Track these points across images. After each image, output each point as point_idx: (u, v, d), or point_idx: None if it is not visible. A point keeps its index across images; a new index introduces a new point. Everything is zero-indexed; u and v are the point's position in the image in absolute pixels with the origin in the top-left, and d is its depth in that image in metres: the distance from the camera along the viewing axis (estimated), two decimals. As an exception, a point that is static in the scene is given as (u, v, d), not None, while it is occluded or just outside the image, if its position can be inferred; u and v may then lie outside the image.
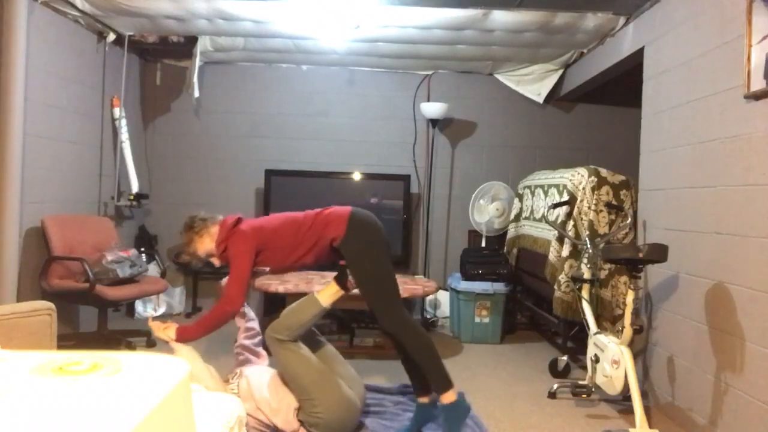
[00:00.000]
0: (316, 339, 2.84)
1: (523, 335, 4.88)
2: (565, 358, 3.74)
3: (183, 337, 2.63)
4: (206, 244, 2.75)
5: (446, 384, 2.61)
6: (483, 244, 5.19)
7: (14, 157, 3.58)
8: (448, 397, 2.60)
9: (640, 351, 3.42)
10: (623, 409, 3.15)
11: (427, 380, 2.71)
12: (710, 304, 2.76)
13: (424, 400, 2.76)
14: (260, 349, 2.99)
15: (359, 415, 2.72)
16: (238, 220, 2.74)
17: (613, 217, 3.71)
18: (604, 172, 3.77)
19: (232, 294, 2.57)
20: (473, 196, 5.20)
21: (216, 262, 2.79)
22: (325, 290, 2.72)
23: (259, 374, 2.72)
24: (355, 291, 2.72)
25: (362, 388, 2.81)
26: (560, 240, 3.88)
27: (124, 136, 4.88)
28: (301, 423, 2.56)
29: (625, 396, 2.98)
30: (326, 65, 5.46)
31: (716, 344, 2.70)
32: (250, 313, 3.03)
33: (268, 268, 2.77)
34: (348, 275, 2.71)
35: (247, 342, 2.95)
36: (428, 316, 5.13)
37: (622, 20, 3.94)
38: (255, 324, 3.02)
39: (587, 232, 3.63)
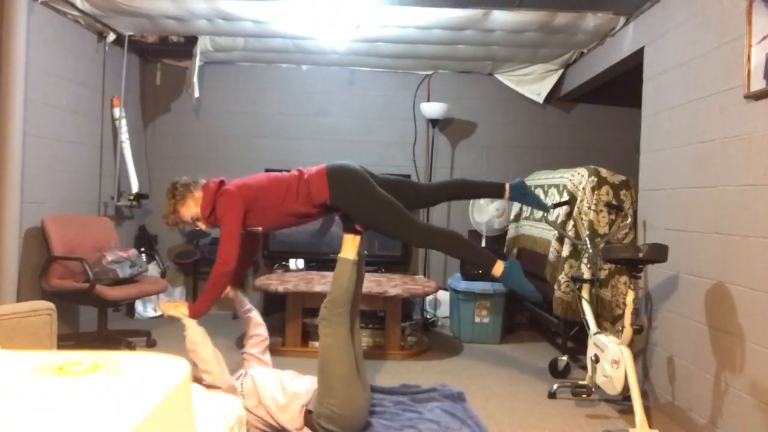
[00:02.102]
0: (357, 333, 2.85)
1: (523, 335, 4.88)
2: (565, 358, 3.74)
3: (195, 312, 2.67)
4: (191, 209, 2.77)
5: (490, 261, 2.77)
6: (483, 244, 5.19)
7: (14, 157, 3.57)
8: (497, 270, 2.77)
9: (640, 351, 3.42)
10: (623, 409, 3.15)
11: (489, 187, 3.05)
12: (710, 304, 2.76)
13: (507, 194, 2.96)
14: (266, 357, 2.98)
15: (366, 417, 2.73)
16: (222, 182, 2.77)
17: (613, 217, 3.71)
18: (604, 172, 3.77)
19: (224, 253, 2.61)
20: (473, 196, 5.19)
21: (202, 226, 2.82)
22: (344, 247, 2.73)
23: (265, 374, 2.74)
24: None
25: (369, 391, 2.83)
26: (560, 240, 3.88)
27: (124, 136, 4.88)
28: (309, 413, 2.56)
29: (625, 396, 2.98)
30: (326, 65, 5.46)
31: (716, 344, 2.70)
32: (257, 317, 3.02)
33: (260, 228, 2.79)
34: (353, 221, 2.76)
35: (254, 350, 2.95)
36: (428, 316, 5.13)
37: (622, 20, 3.94)
38: (263, 330, 3.01)
39: (587, 232, 3.63)
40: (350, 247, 2.71)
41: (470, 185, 3.12)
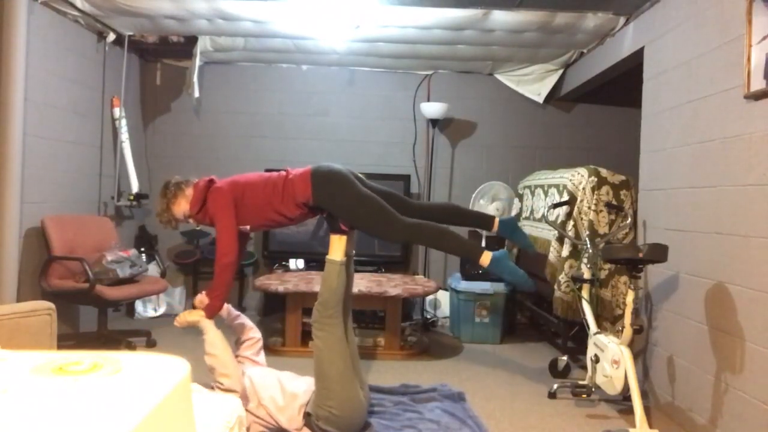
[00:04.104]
0: (350, 333, 2.86)
1: (523, 335, 4.88)
2: (565, 358, 3.74)
3: (211, 310, 2.72)
4: (182, 206, 2.85)
5: (476, 252, 2.79)
6: (483, 244, 5.19)
7: (14, 157, 3.57)
8: (484, 260, 2.78)
9: (640, 351, 3.42)
10: (623, 409, 3.15)
11: (478, 218, 3.03)
12: (710, 304, 2.76)
13: (495, 228, 2.94)
14: (260, 358, 2.98)
15: (365, 417, 2.73)
16: (211, 181, 2.83)
17: (613, 217, 3.71)
18: (604, 172, 3.77)
19: (223, 245, 2.67)
20: (473, 196, 5.19)
21: (194, 223, 2.90)
22: (331, 248, 2.75)
23: (263, 375, 2.74)
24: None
25: (368, 391, 2.83)
26: (560, 240, 3.88)
27: (124, 136, 4.88)
28: (308, 416, 2.56)
29: (625, 396, 2.98)
30: (326, 65, 5.46)
31: (716, 344, 2.70)
32: (247, 321, 3.03)
33: (248, 227, 2.84)
34: (337, 221, 2.79)
35: (248, 353, 2.96)
36: (428, 316, 5.13)
37: (622, 20, 3.95)
38: (255, 332, 3.01)
39: (587, 232, 3.63)
40: (337, 247, 2.73)
41: (460, 213, 3.11)
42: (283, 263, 5.16)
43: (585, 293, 3.41)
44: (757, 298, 2.42)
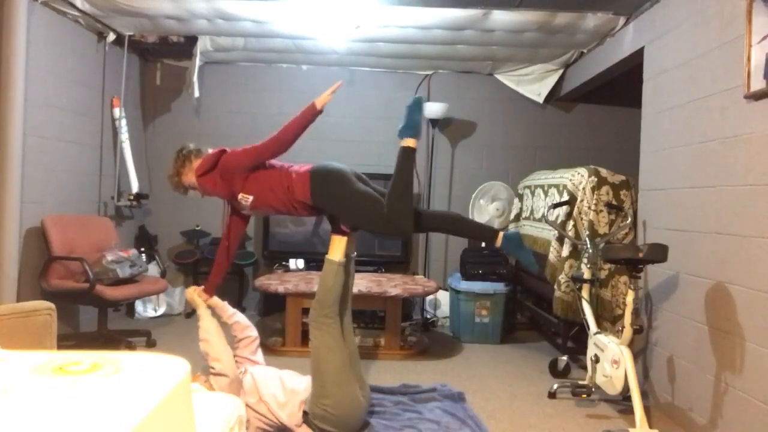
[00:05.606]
0: (349, 333, 2.85)
1: (523, 335, 4.88)
2: (565, 358, 3.74)
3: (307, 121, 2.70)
4: (189, 177, 2.82)
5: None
6: (483, 244, 5.19)
7: (14, 157, 3.57)
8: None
9: (640, 351, 3.42)
10: (623, 409, 3.15)
11: (482, 230, 3.02)
12: (710, 304, 2.76)
13: (498, 242, 2.93)
14: (257, 357, 2.99)
15: (364, 416, 2.74)
16: (223, 151, 2.80)
17: (613, 217, 3.71)
18: (604, 172, 3.77)
19: (270, 142, 2.68)
20: (473, 196, 5.20)
21: (199, 191, 2.86)
22: (331, 248, 2.75)
23: (264, 372, 2.76)
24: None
25: (368, 391, 2.83)
26: (560, 240, 3.88)
27: (124, 136, 4.88)
28: (306, 414, 2.57)
29: (625, 396, 2.98)
30: (326, 65, 5.46)
31: (716, 344, 2.70)
32: (243, 320, 3.03)
33: (249, 198, 2.75)
34: (338, 222, 2.78)
35: (245, 353, 2.96)
36: (428, 316, 5.13)
37: (622, 20, 3.95)
38: (251, 331, 3.01)
39: (587, 232, 3.63)
40: (337, 248, 2.73)
41: (465, 224, 3.03)
42: (283, 263, 5.16)
43: (585, 293, 3.41)
44: (757, 298, 2.42)
